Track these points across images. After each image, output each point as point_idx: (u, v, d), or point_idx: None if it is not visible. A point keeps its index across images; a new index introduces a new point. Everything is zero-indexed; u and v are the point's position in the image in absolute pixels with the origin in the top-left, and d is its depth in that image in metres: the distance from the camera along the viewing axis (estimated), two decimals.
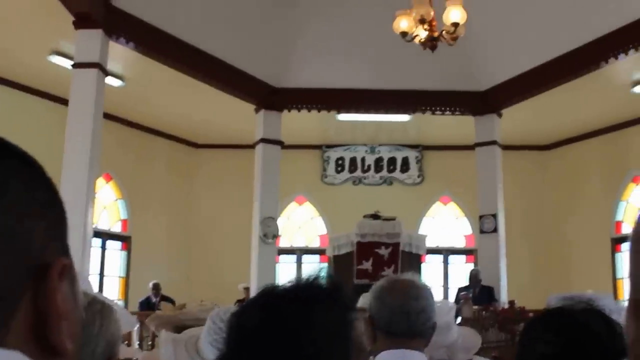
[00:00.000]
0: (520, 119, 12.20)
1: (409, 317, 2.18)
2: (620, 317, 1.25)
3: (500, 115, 11.93)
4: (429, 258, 13.16)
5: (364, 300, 2.70)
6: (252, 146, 12.03)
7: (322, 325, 1.18)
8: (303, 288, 1.23)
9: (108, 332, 1.59)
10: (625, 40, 9.42)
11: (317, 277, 1.24)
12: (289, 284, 1.24)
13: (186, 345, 2.40)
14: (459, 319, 9.39)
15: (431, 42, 8.04)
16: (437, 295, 13.41)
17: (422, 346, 2.23)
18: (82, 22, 8.79)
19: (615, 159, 12.82)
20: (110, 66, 9.51)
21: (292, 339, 1.16)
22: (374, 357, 2.21)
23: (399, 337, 2.18)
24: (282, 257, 13.78)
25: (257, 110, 11.85)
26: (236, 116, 12.34)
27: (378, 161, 14.51)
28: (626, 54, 9.56)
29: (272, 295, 1.23)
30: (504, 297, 11.00)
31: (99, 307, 1.60)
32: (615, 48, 9.62)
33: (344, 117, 12.68)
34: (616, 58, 9.73)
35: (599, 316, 1.45)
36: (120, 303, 12.81)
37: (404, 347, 2.17)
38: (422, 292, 2.21)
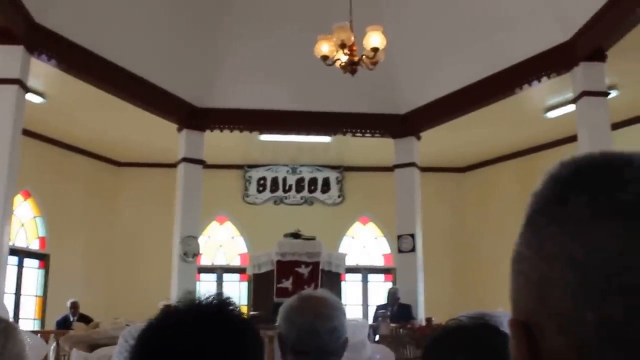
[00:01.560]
0: (438, 142, 12.52)
1: (318, 336, 2.16)
2: None
3: (419, 137, 12.23)
4: (348, 277, 13.31)
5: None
6: (174, 165, 11.99)
7: (218, 348, 1.23)
8: (199, 310, 1.27)
9: (13, 353, 1.56)
10: (539, 68, 9.81)
11: (215, 298, 1.29)
12: (188, 304, 1.29)
13: None
14: (377, 337, 9.56)
15: (351, 67, 8.24)
16: (356, 313, 13.58)
17: None
18: (2, 37, 8.63)
19: (528, 180, 13.24)
20: (31, 82, 9.35)
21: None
22: None
23: (308, 356, 2.17)
24: (203, 276, 13.74)
25: (179, 130, 11.83)
26: (159, 135, 12.29)
27: (299, 181, 14.66)
28: (539, 81, 9.96)
29: (170, 317, 1.28)
30: (421, 315, 11.22)
31: (2, 326, 1.57)
32: (529, 75, 10.00)
33: (266, 137, 12.79)
34: (530, 85, 10.12)
35: (495, 331, 1.45)
36: (37, 322, 12.54)
37: None
38: (332, 311, 2.20)
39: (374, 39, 8.18)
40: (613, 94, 10.08)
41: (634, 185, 0.54)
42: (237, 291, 14.08)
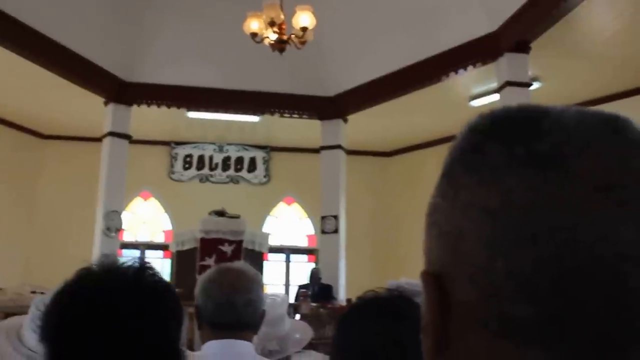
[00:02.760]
0: (365, 125, 12.62)
1: (235, 309, 2.16)
2: None
3: (346, 120, 12.32)
4: (271, 256, 13.36)
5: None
6: (99, 139, 11.77)
7: (136, 311, 1.22)
8: (117, 272, 1.26)
9: None
10: (466, 56, 9.97)
11: (134, 263, 1.28)
12: (106, 267, 1.27)
13: (7, 333, 2.20)
14: (297, 316, 9.62)
15: (280, 45, 8.24)
16: (277, 292, 13.62)
17: (250, 336, 2.22)
18: None
19: None
20: None
21: (103, 325, 1.18)
22: (201, 348, 2.20)
23: (225, 328, 2.17)
24: (125, 252, 13.55)
25: (106, 103, 11.59)
26: (85, 108, 12.01)
27: (226, 160, 14.59)
28: (465, 69, 10.14)
29: (86, 279, 1.27)
30: (342, 296, 11.36)
31: None
32: (456, 63, 10.16)
33: (194, 114, 12.67)
34: (456, 73, 10.30)
35: (408, 302, 1.45)
36: None
37: (230, 337, 2.17)
38: (249, 284, 2.21)
39: (304, 19, 8.21)
40: (535, 85, 10.34)
41: (549, 136, 0.54)
42: (159, 268, 13.91)
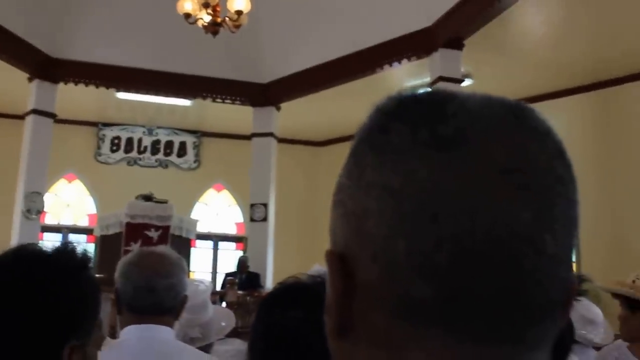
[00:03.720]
0: (298, 114, 12.61)
1: (155, 293, 2.13)
2: None
3: (278, 108, 12.27)
4: (199, 243, 13.25)
5: None
6: (22, 117, 11.39)
7: (46, 288, 1.23)
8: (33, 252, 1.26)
9: None
10: (400, 49, 10.07)
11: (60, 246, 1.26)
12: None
13: None
14: (224, 304, 9.57)
15: (213, 27, 8.15)
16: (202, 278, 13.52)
17: (170, 322, 2.20)
18: None
19: None
20: None
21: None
22: (120, 332, 2.16)
23: (144, 313, 2.13)
24: (47, 235, 13.18)
25: (30, 79, 11.21)
26: (7, 84, 11.60)
27: (155, 143, 14.34)
28: (400, 62, 10.24)
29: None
30: (269, 284, 11.33)
31: None
32: (391, 56, 10.25)
33: (123, 95, 12.39)
34: (390, 65, 10.37)
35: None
36: None
37: (150, 322, 2.13)
38: (170, 268, 2.18)
39: (239, 2, 8.16)
40: (467, 82, 10.50)
41: (454, 119, 0.55)
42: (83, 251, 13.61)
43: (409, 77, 11.19)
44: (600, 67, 10.46)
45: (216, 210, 14.65)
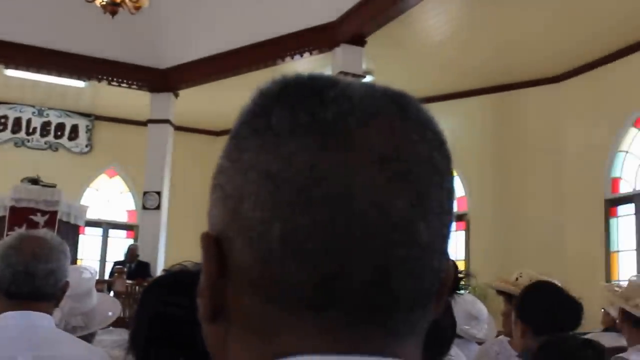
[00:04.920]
0: (196, 102, 12.45)
1: (34, 278, 2.06)
2: None
3: (176, 95, 12.07)
4: (88, 230, 12.89)
5: None
6: None
7: None
8: None
9: None
10: (303, 43, 10.11)
11: None
12: None
13: None
14: (111, 293, 9.35)
15: (112, 7, 7.95)
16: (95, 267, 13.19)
17: (49, 308, 2.13)
18: None
19: None
20: None
21: None
22: None
23: (23, 298, 2.06)
24: None
25: None
26: None
27: (45, 125, 13.83)
28: (302, 56, 10.27)
29: None
30: (160, 274, 11.15)
31: None
32: (293, 49, 10.28)
33: (12, 72, 11.85)
34: (292, 58, 10.39)
35: None
36: None
37: (28, 309, 2.06)
38: (51, 253, 2.10)
39: None
40: (368, 78, 10.62)
41: (334, 105, 0.55)
42: None
43: (311, 71, 11.15)
44: (500, 71, 10.83)
45: (107, 197, 14.27)
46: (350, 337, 0.54)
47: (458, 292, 2.03)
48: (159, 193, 11.70)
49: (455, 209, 0.60)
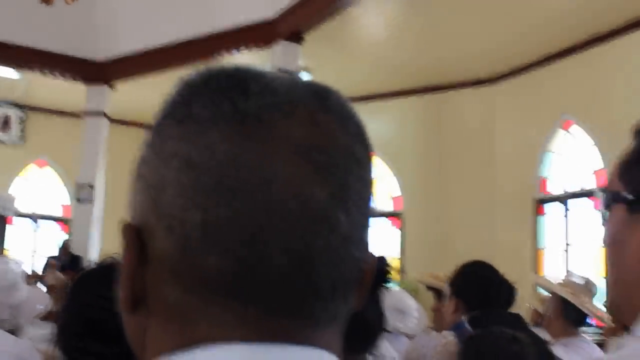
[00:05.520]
0: (133, 95, 12.27)
1: None
2: None
3: (113, 88, 11.88)
4: (18, 221, 12.61)
5: None
6: None
7: None
8: None
9: None
10: (242, 39, 10.04)
11: None
12: None
13: None
14: (43, 287, 9.17)
15: None
16: (25, 263, 12.92)
17: None
18: None
19: None
20: None
21: None
22: None
23: None
24: None
25: None
26: None
27: None
28: (240, 51, 10.22)
29: None
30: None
31: None
32: (232, 44, 10.20)
33: None
34: (230, 54, 10.33)
35: None
36: None
37: None
38: None
39: None
40: (305, 75, 10.65)
41: (258, 96, 0.56)
42: None
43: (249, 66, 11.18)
44: (435, 72, 10.97)
45: (39, 189, 13.96)
46: (269, 326, 0.54)
47: (385, 285, 2.07)
48: (92, 186, 11.51)
49: (374, 200, 0.61)
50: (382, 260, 1.92)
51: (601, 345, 4.96)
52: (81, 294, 1.44)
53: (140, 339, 0.60)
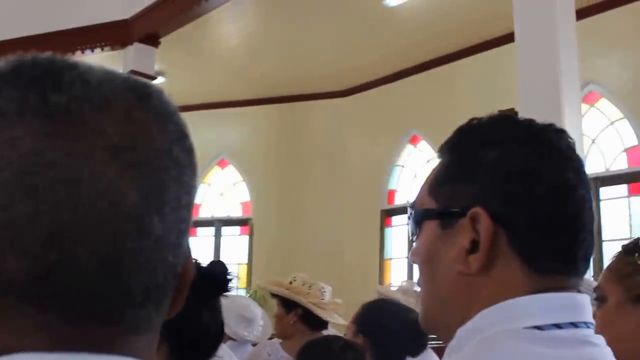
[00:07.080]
0: None
1: None
2: None
3: None
4: None
5: None
6: None
7: None
8: None
9: None
10: (95, 38, 9.74)
11: None
12: None
13: None
14: None
15: None
16: None
17: None
18: None
19: None
20: None
21: None
22: None
23: None
24: None
25: None
26: None
27: None
28: (93, 51, 9.90)
29: None
30: None
31: None
32: (84, 43, 9.84)
33: None
34: (83, 53, 9.98)
35: None
36: None
37: None
38: None
39: None
40: (160, 80, 10.48)
41: (69, 89, 0.53)
42: None
43: (108, 64, 10.86)
44: (288, 82, 11.05)
45: None
46: (71, 333, 0.51)
47: (225, 293, 2.01)
48: None
49: (193, 204, 0.58)
50: (221, 265, 1.89)
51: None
52: None
53: None
